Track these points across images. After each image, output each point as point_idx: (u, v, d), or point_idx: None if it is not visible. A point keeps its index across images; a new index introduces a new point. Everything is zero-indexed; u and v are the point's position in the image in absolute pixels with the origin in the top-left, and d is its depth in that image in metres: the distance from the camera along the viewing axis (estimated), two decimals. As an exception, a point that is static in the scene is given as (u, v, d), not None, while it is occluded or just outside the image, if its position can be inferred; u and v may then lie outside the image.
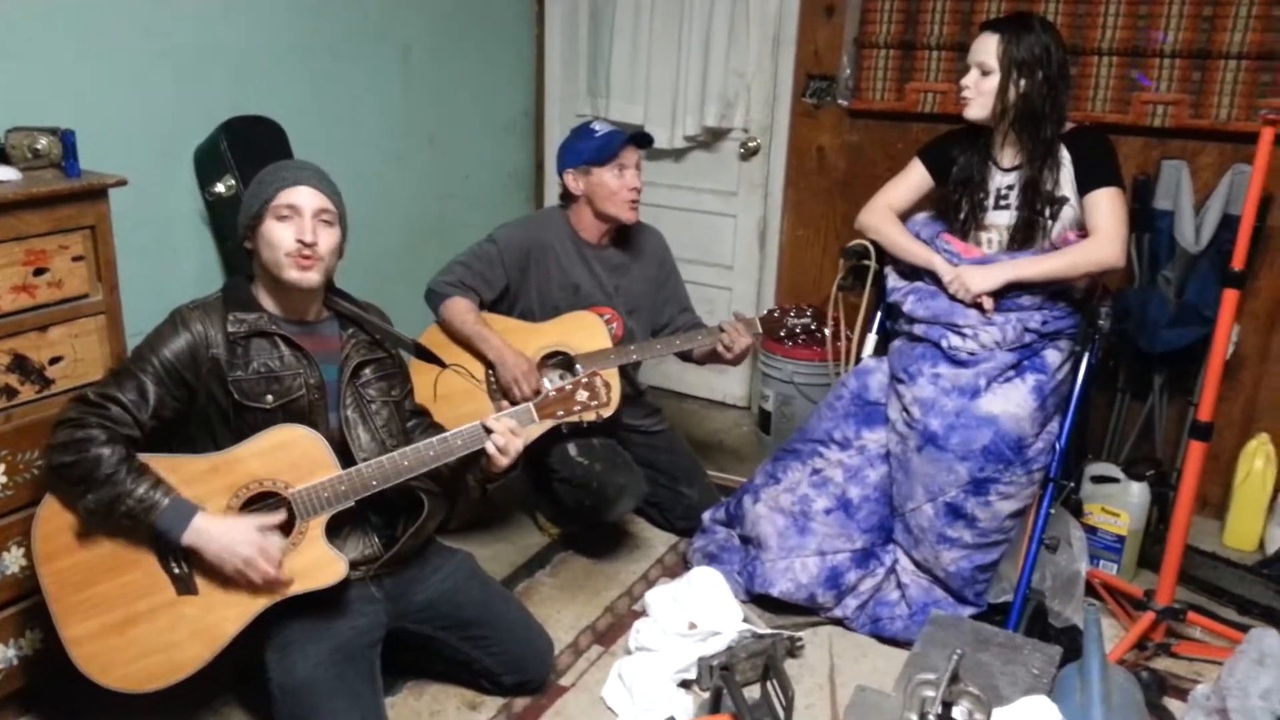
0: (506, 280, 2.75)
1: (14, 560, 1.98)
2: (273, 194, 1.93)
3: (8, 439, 1.93)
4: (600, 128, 2.76)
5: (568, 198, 2.81)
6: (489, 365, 2.66)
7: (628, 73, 3.78)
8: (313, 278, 1.96)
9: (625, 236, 2.87)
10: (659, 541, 2.92)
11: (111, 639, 1.85)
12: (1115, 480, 2.78)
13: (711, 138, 3.76)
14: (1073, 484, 2.55)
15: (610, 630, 2.49)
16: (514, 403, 2.62)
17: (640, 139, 2.78)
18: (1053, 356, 2.43)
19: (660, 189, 3.85)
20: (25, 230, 1.91)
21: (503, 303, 2.79)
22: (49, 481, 1.86)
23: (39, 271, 1.94)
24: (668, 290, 2.97)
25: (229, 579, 1.88)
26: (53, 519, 1.84)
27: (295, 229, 1.93)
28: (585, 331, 2.73)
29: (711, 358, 2.83)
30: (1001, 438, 2.33)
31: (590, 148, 2.73)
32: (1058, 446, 2.40)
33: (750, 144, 3.69)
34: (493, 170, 3.89)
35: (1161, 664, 2.37)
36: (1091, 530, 2.72)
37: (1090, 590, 2.56)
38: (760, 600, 2.54)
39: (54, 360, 2.00)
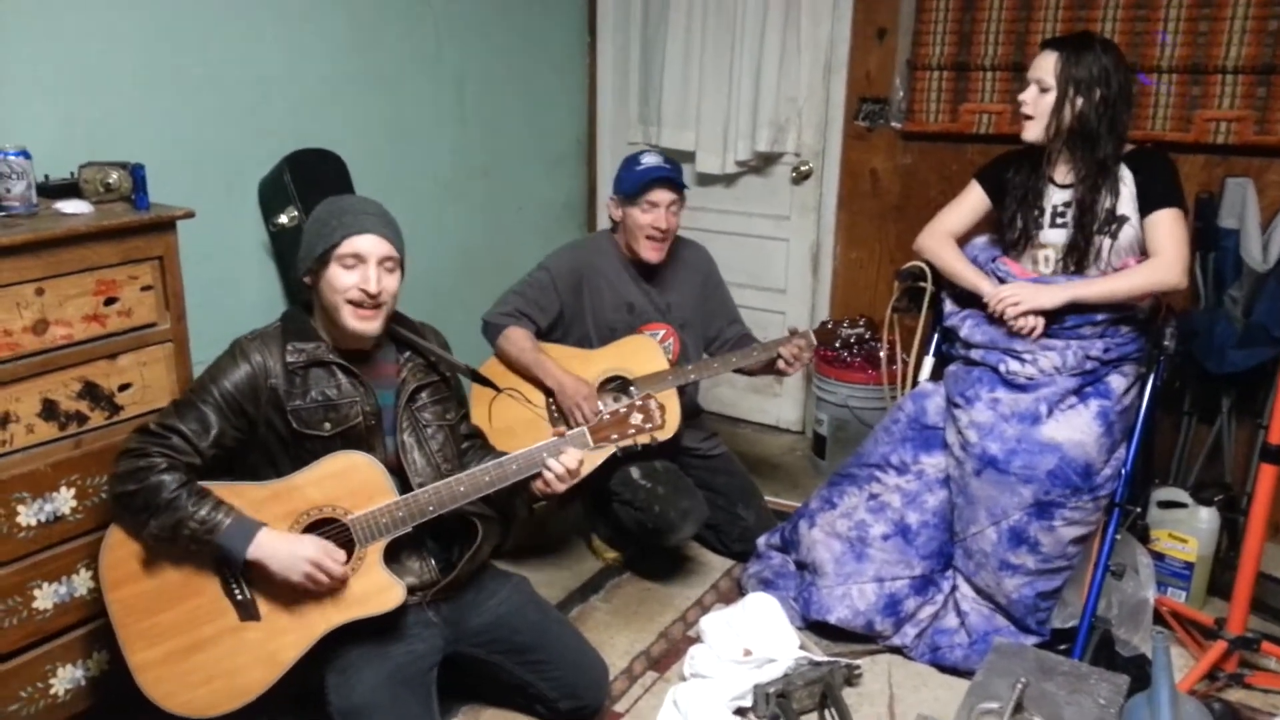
0: (560, 306, 2.78)
1: (83, 582, 2.03)
2: (339, 240, 1.95)
3: (78, 464, 1.99)
4: (647, 160, 2.77)
5: (614, 221, 2.85)
6: (548, 393, 2.68)
7: (679, 100, 3.81)
8: (373, 327, 1.99)
9: (671, 254, 2.87)
10: (714, 566, 2.91)
11: (176, 665, 1.89)
12: (1183, 505, 2.70)
13: (763, 162, 3.77)
14: (1139, 509, 2.49)
15: (665, 656, 2.48)
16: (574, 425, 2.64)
17: (673, 182, 2.76)
18: (1117, 382, 2.37)
19: (712, 214, 3.86)
20: (97, 261, 1.97)
21: (558, 329, 2.82)
22: (113, 512, 1.91)
23: (109, 301, 2.00)
24: (714, 303, 2.98)
25: (291, 603, 1.91)
26: (118, 548, 1.89)
27: (359, 277, 1.95)
28: (642, 354, 2.75)
29: (766, 370, 2.83)
30: (1068, 464, 2.28)
31: (628, 180, 2.76)
32: (1123, 471, 2.35)
33: (802, 168, 3.69)
34: (546, 200, 3.94)
35: (1234, 695, 2.29)
36: (1159, 557, 2.65)
37: (1158, 618, 2.49)
38: (817, 627, 2.51)
39: (123, 387, 2.05)
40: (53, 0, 2.23)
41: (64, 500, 1.97)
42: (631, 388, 2.68)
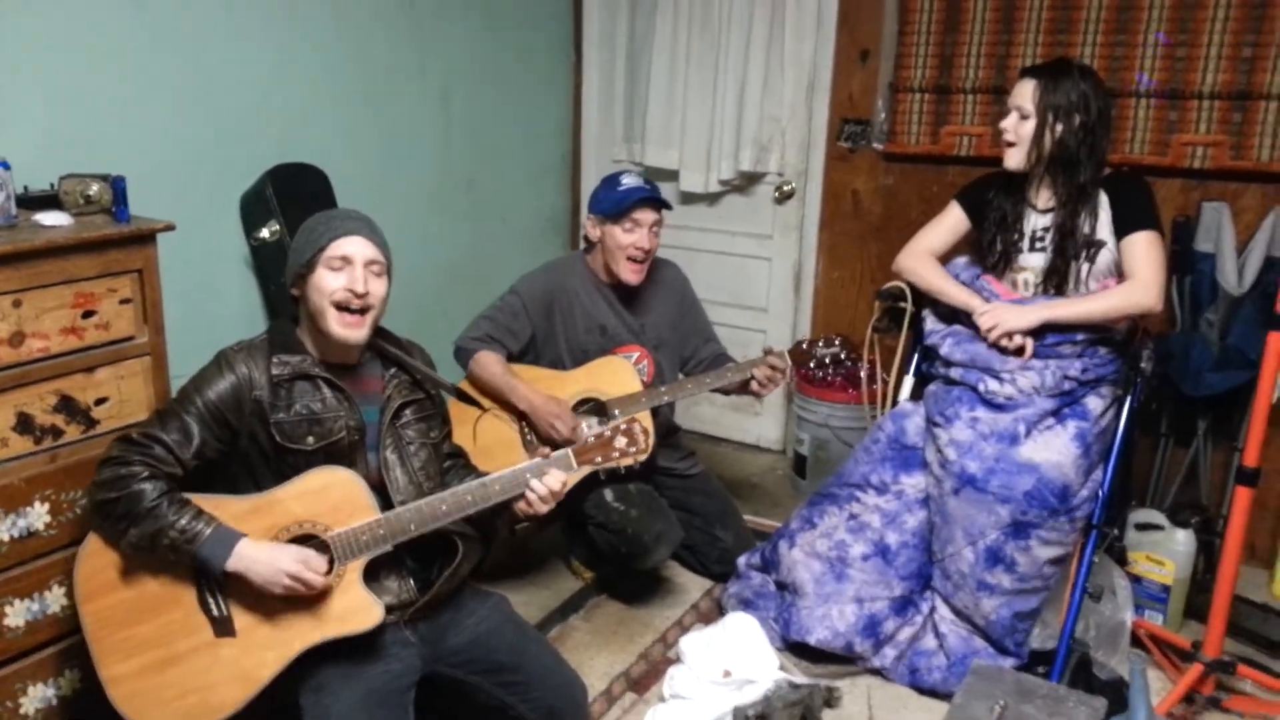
0: (532, 329, 2.77)
1: (55, 599, 2.00)
2: (326, 243, 1.96)
3: (53, 479, 1.97)
4: (627, 181, 2.76)
5: (589, 242, 2.83)
6: (521, 416, 2.67)
7: (663, 118, 3.82)
8: (359, 335, 1.98)
9: (647, 274, 2.87)
10: (694, 586, 2.90)
11: (150, 679, 1.86)
12: (1160, 528, 2.72)
13: (746, 181, 3.79)
14: (1116, 531, 2.50)
15: (644, 677, 2.47)
16: (553, 446, 2.62)
17: (657, 201, 2.76)
18: (1094, 403, 2.39)
19: (694, 232, 3.87)
20: (76, 274, 1.96)
21: (530, 352, 2.80)
22: (92, 520, 1.88)
23: (87, 314, 1.99)
24: (690, 322, 2.97)
25: (269, 619, 1.89)
26: (94, 558, 1.86)
27: (346, 278, 1.95)
28: (615, 376, 2.74)
29: (741, 390, 2.82)
30: (1045, 485, 2.29)
31: (609, 199, 2.74)
32: (1101, 493, 2.36)
33: (785, 187, 3.71)
34: (530, 213, 3.94)
35: (1211, 719, 2.30)
36: (1136, 579, 2.67)
37: (1136, 641, 2.51)
38: (797, 648, 2.51)
39: (99, 401, 2.03)
40: (35, 11, 2.22)
41: (38, 515, 1.95)
42: (612, 410, 2.67)
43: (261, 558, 1.85)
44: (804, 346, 2.77)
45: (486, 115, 3.60)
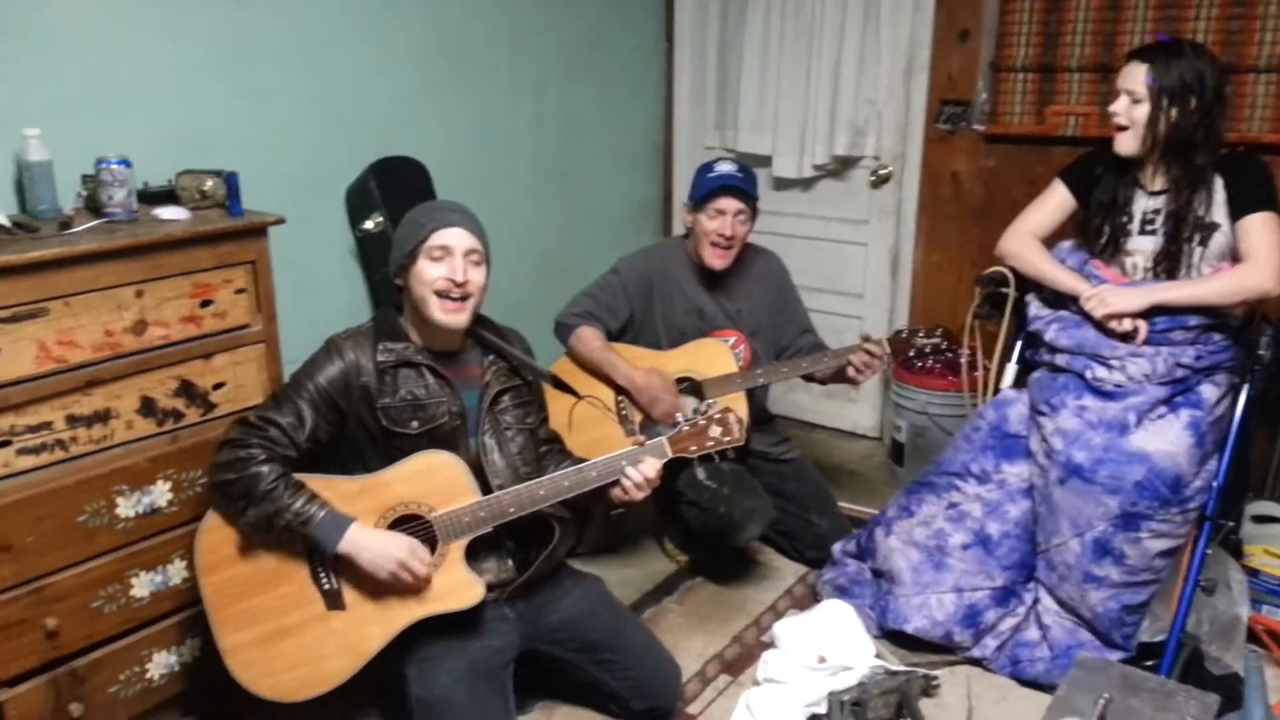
0: (630, 309, 2.80)
1: (177, 572, 2.11)
2: (427, 234, 2.02)
3: (174, 459, 2.07)
4: (719, 168, 2.78)
5: (689, 228, 2.86)
6: (619, 391, 2.70)
7: (756, 104, 3.80)
8: (460, 320, 2.04)
9: (744, 261, 2.88)
10: (788, 572, 2.89)
11: (264, 649, 1.95)
12: (1278, 520, 2.61)
13: (841, 166, 3.74)
14: (1232, 523, 2.41)
15: (738, 660, 2.48)
16: (653, 421, 2.66)
17: (740, 190, 2.74)
18: (1209, 391, 2.30)
19: (789, 218, 3.85)
20: (193, 266, 2.05)
21: (629, 332, 2.84)
22: (211, 499, 1.99)
23: (205, 303, 2.09)
24: (788, 312, 2.97)
25: (376, 595, 1.96)
26: (214, 533, 1.96)
27: (447, 268, 2.01)
28: (712, 357, 2.76)
29: (837, 379, 2.80)
30: (1157, 475, 2.22)
31: (697, 187, 2.79)
32: (1215, 484, 2.27)
33: (881, 171, 3.66)
34: (622, 203, 3.97)
35: (1335, 719, 2.20)
36: (1253, 573, 2.56)
37: (1252, 637, 2.41)
38: (893, 636, 2.49)
39: (217, 386, 2.13)
40: (152, 18, 2.33)
41: (160, 493, 2.06)
42: (705, 393, 2.68)
43: (371, 543, 1.92)
44: (903, 335, 2.74)
45: (580, 106, 3.64)
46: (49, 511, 1.89)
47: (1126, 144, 2.34)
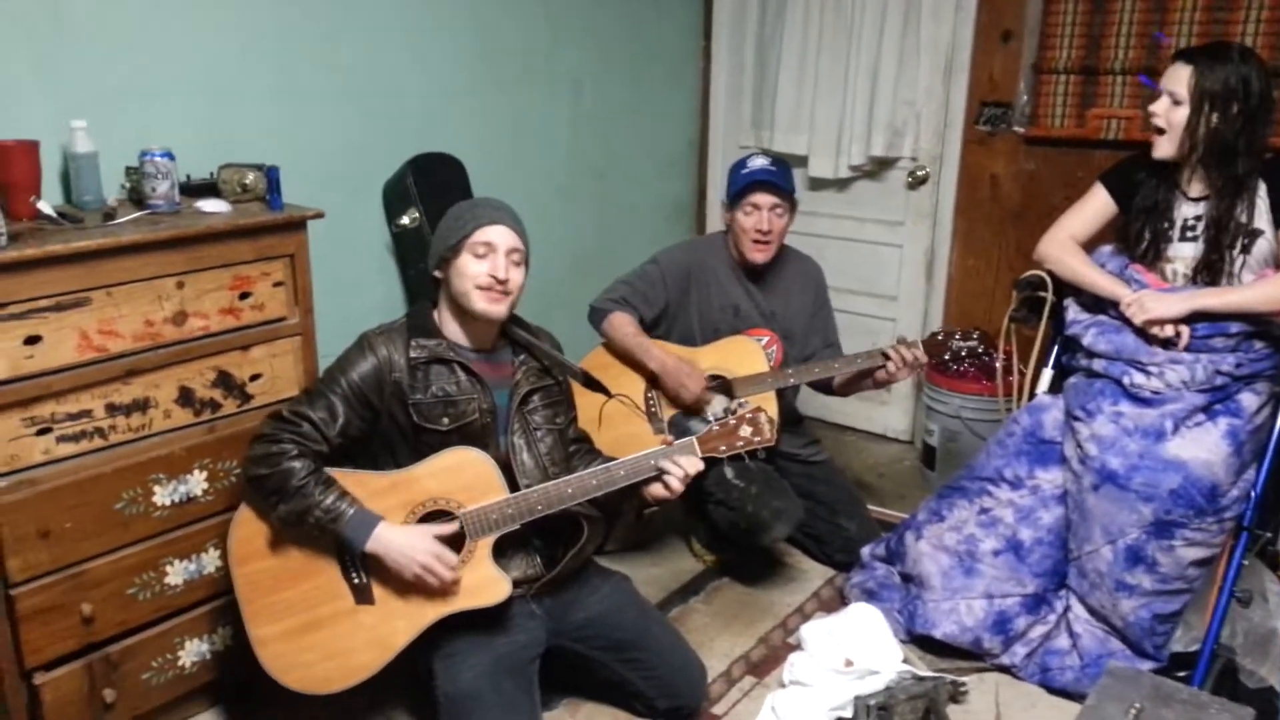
0: (666, 300, 2.81)
1: (211, 561, 2.14)
2: (471, 230, 2.04)
3: (210, 449, 2.10)
4: (752, 164, 2.78)
5: (728, 225, 2.87)
6: (650, 379, 2.71)
7: (793, 103, 3.78)
8: (500, 310, 2.06)
9: (784, 263, 2.87)
10: (815, 574, 2.88)
11: (294, 641, 1.98)
12: (1320, 533, 2.56)
13: (878, 167, 3.72)
14: (1270, 534, 2.37)
15: (764, 662, 2.47)
16: (682, 408, 2.66)
17: (773, 184, 2.73)
18: (1249, 400, 2.26)
19: (824, 219, 3.83)
20: (233, 258, 2.08)
21: (662, 324, 2.85)
22: (245, 492, 2.01)
23: (244, 295, 2.11)
24: (818, 321, 2.96)
25: (404, 590, 1.98)
26: (247, 525, 1.99)
27: (489, 265, 2.03)
28: (743, 356, 2.75)
29: (862, 385, 2.78)
30: (1193, 483, 2.19)
31: (731, 184, 2.80)
32: (1253, 494, 2.24)
33: (919, 173, 3.63)
34: (656, 201, 3.97)
35: (1374, 738, 2.16)
36: (1291, 586, 2.51)
37: (1289, 651, 2.36)
38: (921, 641, 2.47)
39: (254, 377, 2.16)
40: (193, 12, 2.36)
41: (196, 482, 2.09)
42: (737, 390, 2.68)
43: (398, 543, 1.94)
44: (939, 338, 2.71)
45: (616, 103, 3.64)
46: (87, 499, 1.92)
47: (1162, 149, 2.30)
